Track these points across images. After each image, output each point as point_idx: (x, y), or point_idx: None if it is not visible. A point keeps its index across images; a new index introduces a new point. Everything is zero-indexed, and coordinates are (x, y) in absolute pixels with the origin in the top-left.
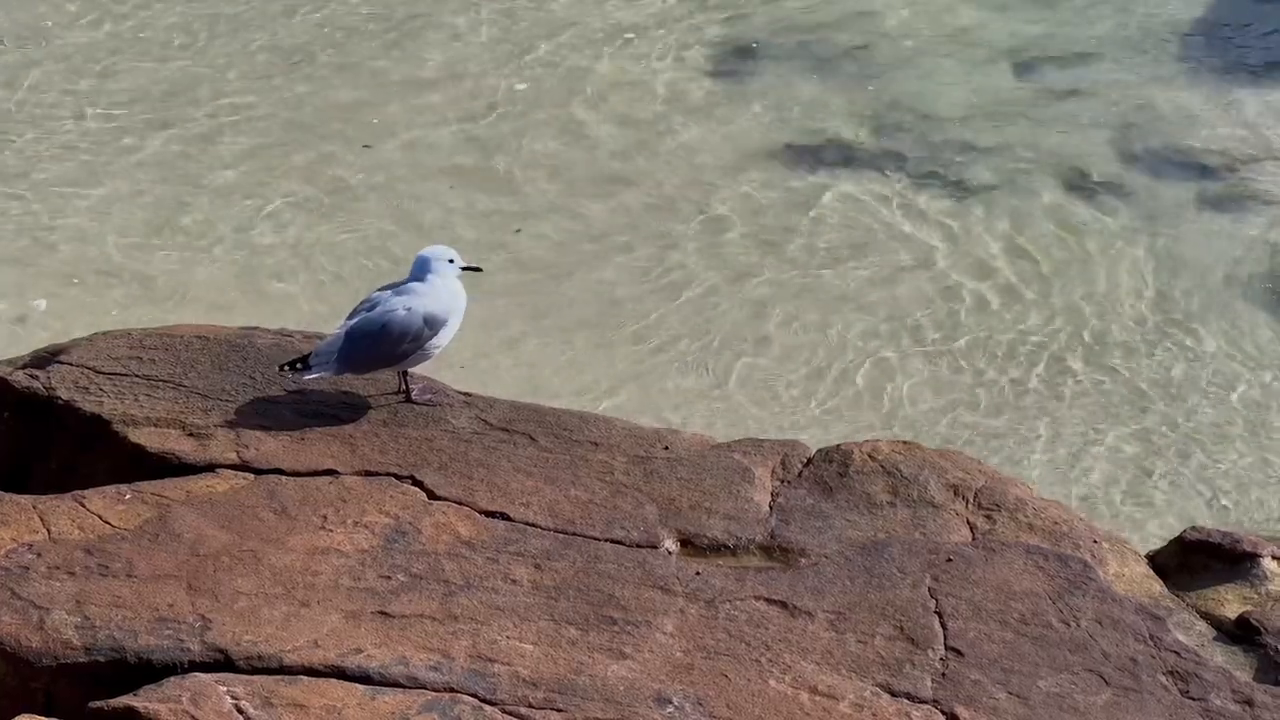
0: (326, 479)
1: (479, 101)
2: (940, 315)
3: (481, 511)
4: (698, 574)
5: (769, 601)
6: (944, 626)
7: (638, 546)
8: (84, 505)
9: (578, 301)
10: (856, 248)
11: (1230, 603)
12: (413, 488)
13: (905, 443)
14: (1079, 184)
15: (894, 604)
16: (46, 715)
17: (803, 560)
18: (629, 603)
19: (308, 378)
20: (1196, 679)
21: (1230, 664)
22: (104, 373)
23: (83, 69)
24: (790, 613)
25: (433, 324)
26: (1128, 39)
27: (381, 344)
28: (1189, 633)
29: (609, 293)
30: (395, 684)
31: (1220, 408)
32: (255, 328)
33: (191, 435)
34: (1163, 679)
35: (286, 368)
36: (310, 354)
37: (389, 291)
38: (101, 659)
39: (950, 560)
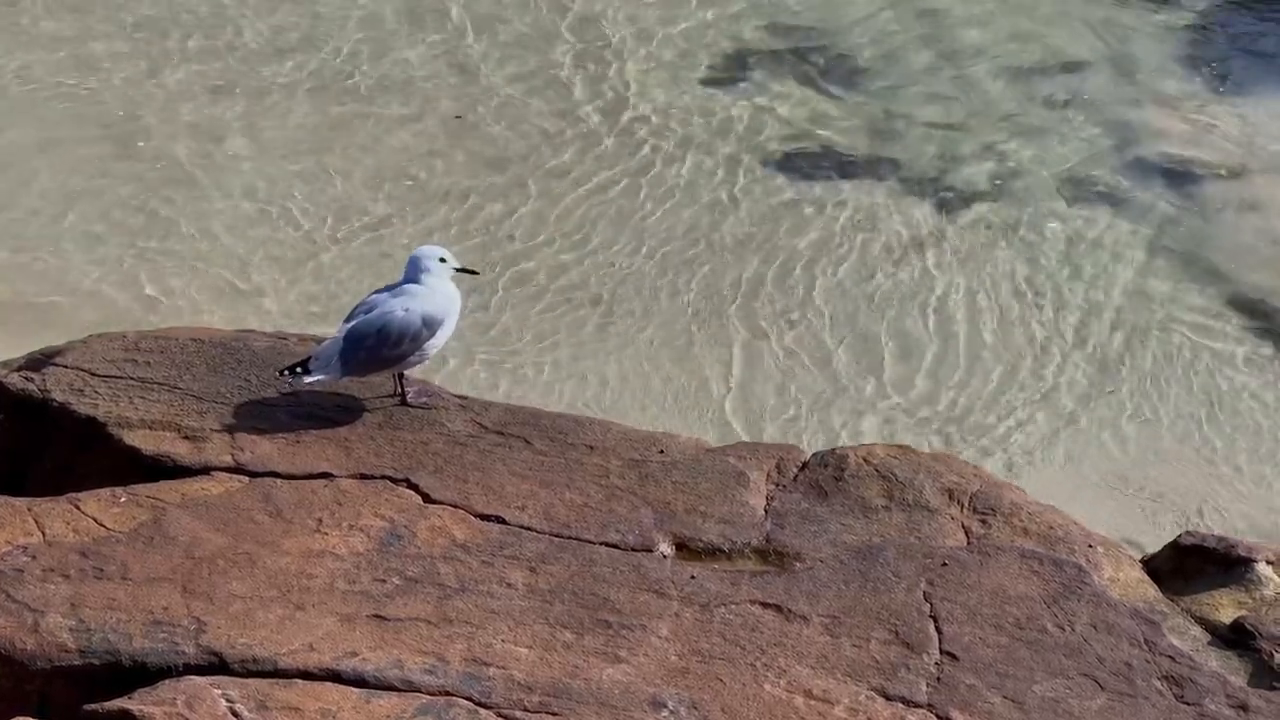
0: (322, 482)
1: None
2: (937, 320)
3: (477, 515)
4: (693, 578)
5: (764, 605)
6: (939, 630)
7: (633, 550)
8: (79, 508)
9: (575, 304)
10: (853, 252)
11: (1225, 607)
12: (408, 491)
13: (901, 446)
14: (1075, 189)
15: (889, 608)
16: (41, 718)
17: (798, 564)
18: (624, 606)
19: (308, 381)
20: (1191, 684)
21: (1225, 669)
22: (99, 375)
23: None
24: (785, 616)
25: (430, 324)
26: (1124, 45)
27: (381, 345)
28: (1184, 637)
29: (605, 295)
30: (390, 687)
31: (1215, 411)
32: (250, 330)
33: (187, 438)
34: (1157, 684)
35: (286, 372)
36: (310, 358)
37: (385, 294)
38: (96, 662)
39: (945, 564)
